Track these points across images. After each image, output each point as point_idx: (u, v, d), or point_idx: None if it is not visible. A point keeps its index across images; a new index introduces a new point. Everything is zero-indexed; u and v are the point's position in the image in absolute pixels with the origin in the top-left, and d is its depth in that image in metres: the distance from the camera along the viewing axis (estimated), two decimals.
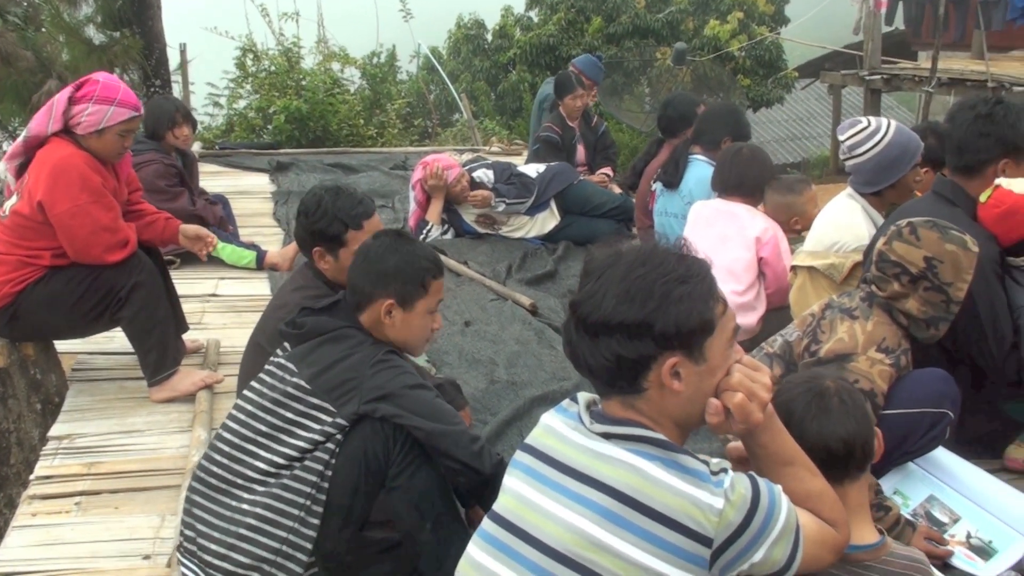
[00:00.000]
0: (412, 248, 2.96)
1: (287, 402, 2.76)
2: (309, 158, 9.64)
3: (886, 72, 16.06)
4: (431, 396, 2.78)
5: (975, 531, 3.18)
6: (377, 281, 2.88)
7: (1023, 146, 3.56)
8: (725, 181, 4.77)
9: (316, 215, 3.37)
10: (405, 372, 2.78)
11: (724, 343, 1.96)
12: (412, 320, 2.91)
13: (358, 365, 2.74)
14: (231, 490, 2.73)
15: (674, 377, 1.90)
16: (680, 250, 1.98)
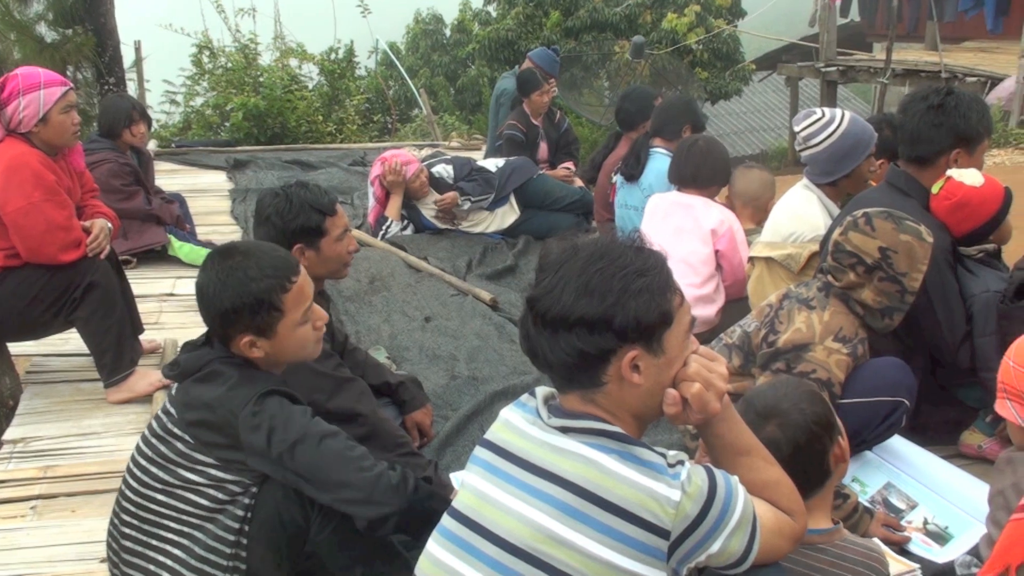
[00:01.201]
0: (244, 271, 2.55)
1: (177, 459, 2.56)
2: (267, 155, 9.57)
3: (842, 64, 16.21)
4: (312, 445, 2.49)
5: (932, 517, 3.21)
6: (224, 322, 2.56)
7: (975, 136, 3.61)
8: (682, 173, 4.79)
9: (291, 212, 3.24)
10: (281, 424, 2.48)
11: (682, 335, 1.97)
12: (283, 341, 2.61)
13: (230, 419, 2.48)
14: (150, 541, 2.59)
15: (634, 370, 1.90)
16: (636, 243, 1.98)
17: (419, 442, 3.59)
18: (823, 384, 3.16)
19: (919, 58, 15.95)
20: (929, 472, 3.39)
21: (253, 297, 2.53)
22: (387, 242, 6.26)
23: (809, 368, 3.19)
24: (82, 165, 4.35)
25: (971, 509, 3.18)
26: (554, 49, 8.58)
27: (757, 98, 23.52)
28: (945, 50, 15.53)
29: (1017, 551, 2.12)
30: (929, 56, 15.78)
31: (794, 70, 17.32)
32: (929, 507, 3.26)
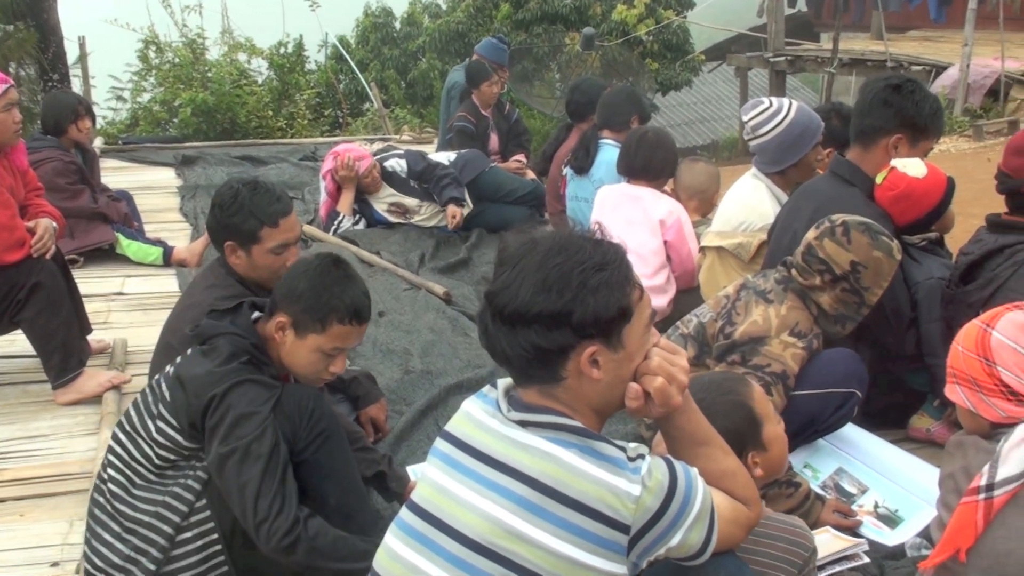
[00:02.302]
0: (336, 282, 2.75)
1: (153, 409, 2.67)
2: (216, 151, 9.46)
3: (790, 54, 16.38)
4: (237, 461, 2.53)
5: (882, 501, 3.26)
6: (286, 295, 2.74)
7: (921, 127, 3.65)
8: (631, 165, 4.80)
9: (231, 209, 3.24)
10: (231, 425, 2.55)
11: (641, 329, 1.95)
12: (300, 349, 2.73)
13: (196, 399, 2.58)
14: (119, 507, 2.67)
15: (593, 365, 1.89)
16: (595, 236, 1.96)
17: (374, 437, 3.58)
18: (778, 377, 3.19)
19: (865, 47, 16.17)
20: (879, 457, 3.44)
21: (321, 301, 2.71)
22: (339, 237, 6.22)
23: (765, 361, 3.21)
24: (25, 164, 4.28)
25: (920, 492, 3.22)
26: (499, 38, 8.56)
27: (707, 88, 23.67)
28: (891, 39, 15.75)
29: (967, 534, 2.15)
30: (875, 45, 16.00)
31: (743, 60, 17.47)
32: (879, 491, 3.30)
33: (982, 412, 2.25)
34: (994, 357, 2.22)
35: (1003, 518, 2.11)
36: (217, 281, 3.34)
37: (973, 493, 2.14)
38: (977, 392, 2.25)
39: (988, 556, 2.12)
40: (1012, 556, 2.09)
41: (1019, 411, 2.19)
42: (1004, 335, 2.23)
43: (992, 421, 2.24)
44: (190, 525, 2.62)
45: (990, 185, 3.39)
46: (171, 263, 5.97)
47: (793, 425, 3.28)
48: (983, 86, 13.82)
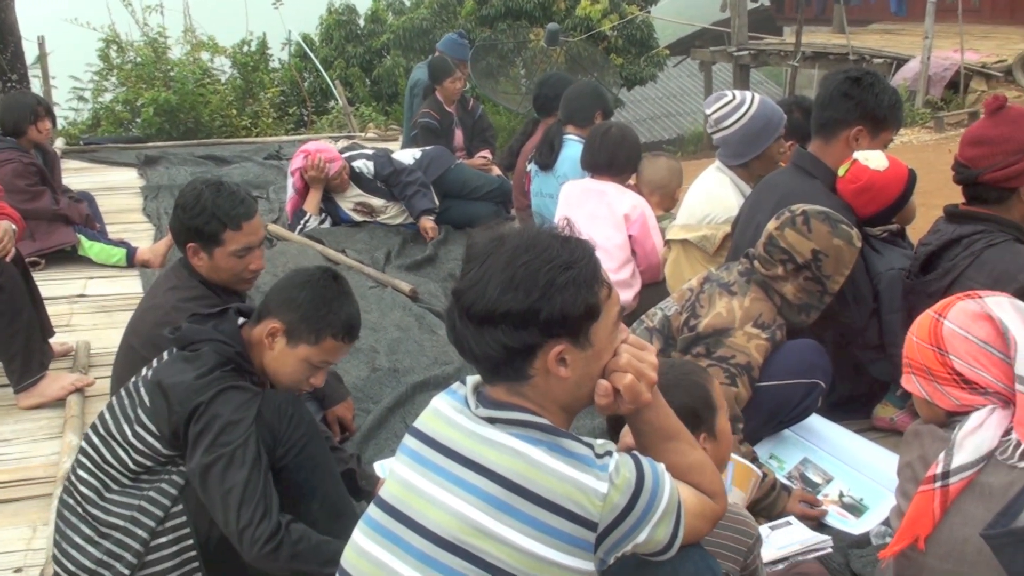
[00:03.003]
0: (335, 297, 2.77)
1: (129, 414, 2.65)
2: (179, 151, 9.39)
3: (753, 48, 16.48)
4: (221, 470, 2.53)
5: (847, 490, 3.29)
6: (283, 303, 2.74)
7: (880, 119, 3.68)
8: (595, 160, 4.82)
9: (194, 210, 3.21)
10: (215, 434, 2.55)
11: (610, 326, 1.94)
12: (289, 357, 2.74)
13: (179, 407, 2.56)
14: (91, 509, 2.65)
15: (560, 364, 1.88)
16: (563, 234, 1.94)
17: (341, 436, 3.57)
18: (742, 368, 3.21)
19: (828, 41, 16.31)
20: (843, 446, 3.47)
21: (320, 314, 2.73)
22: (304, 235, 6.19)
23: (729, 353, 3.23)
24: None
25: (885, 480, 3.26)
26: (460, 34, 8.55)
27: (672, 83, 23.75)
28: (852, 32, 15.89)
29: (924, 522, 2.17)
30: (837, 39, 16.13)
31: (707, 55, 17.56)
32: (844, 480, 3.34)
33: (937, 401, 2.27)
34: (946, 346, 2.24)
35: (959, 505, 2.13)
36: (180, 282, 3.32)
37: (929, 481, 2.16)
38: (931, 381, 2.27)
39: (946, 543, 2.14)
40: (969, 543, 2.11)
41: (973, 399, 2.21)
42: (955, 324, 2.24)
43: (947, 410, 2.26)
44: (165, 530, 2.60)
45: (951, 176, 3.42)
46: (134, 264, 5.92)
47: (758, 416, 3.32)
48: (944, 78, 13.97)
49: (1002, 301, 2.24)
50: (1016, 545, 1.40)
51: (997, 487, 2.03)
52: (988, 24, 16.70)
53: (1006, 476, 2.08)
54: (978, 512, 2.08)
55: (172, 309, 3.18)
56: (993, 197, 3.29)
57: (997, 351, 2.18)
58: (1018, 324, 2.17)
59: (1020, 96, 13.42)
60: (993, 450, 2.12)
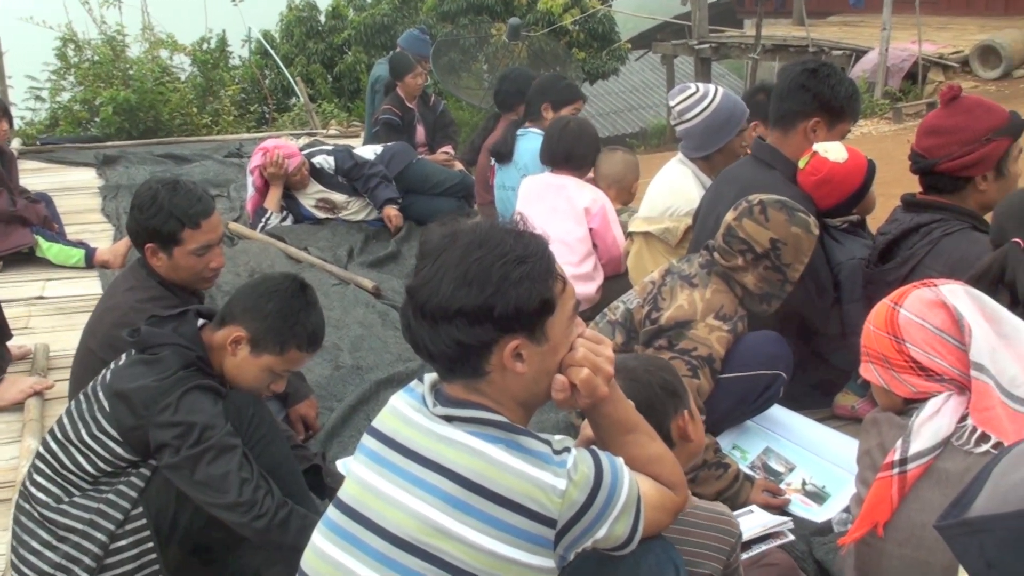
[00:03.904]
0: (302, 308, 2.78)
1: (88, 419, 2.63)
2: (138, 150, 9.29)
3: (714, 41, 16.56)
4: (208, 461, 2.54)
5: (809, 478, 3.32)
6: (248, 311, 2.73)
7: (837, 110, 3.71)
8: (553, 155, 4.82)
9: (151, 211, 3.19)
10: (189, 430, 2.55)
11: (565, 321, 1.94)
12: (251, 365, 2.74)
13: (145, 411, 2.55)
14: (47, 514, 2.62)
15: (516, 359, 1.87)
16: (517, 228, 1.94)
17: (304, 435, 3.55)
18: (704, 360, 3.22)
19: (787, 33, 16.43)
20: (805, 435, 3.50)
21: (287, 325, 2.73)
22: (266, 234, 6.14)
23: (691, 345, 3.24)
24: None
25: (847, 467, 3.27)
26: (421, 29, 8.53)
27: (634, 77, 23.79)
28: (811, 25, 16.02)
29: (883, 508, 2.19)
30: (797, 31, 16.25)
31: (668, 48, 17.62)
32: (806, 469, 3.36)
33: (894, 389, 2.29)
34: (902, 334, 2.26)
35: (917, 491, 2.15)
36: (138, 283, 3.29)
37: (887, 468, 2.18)
38: (888, 369, 2.29)
39: (904, 529, 2.16)
40: (927, 528, 2.13)
41: (929, 386, 2.23)
42: (911, 312, 2.26)
43: (904, 397, 2.28)
44: (125, 532, 2.58)
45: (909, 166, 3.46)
46: (94, 265, 5.86)
47: (721, 408, 3.34)
48: (902, 69, 14.12)
49: (957, 289, 2.26)
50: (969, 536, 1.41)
51: (954, 473, 2.05)
52: (945, 15, 16.88)
53: (962, 461, 2.11)
54: (935, 498, 2.10)
55: (130, 310, 3.16)
56: (949, 186, 3.32)
57: (952, 338, 2.21)
58: (972, 311, 2.20)
59: (977, 86, 13.60)
60: (949, 436, 2.15)
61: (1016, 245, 2.64)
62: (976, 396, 2.14)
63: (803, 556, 2.91)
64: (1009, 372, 2.12)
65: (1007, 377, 2.12)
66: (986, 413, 2.12)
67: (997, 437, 2.09)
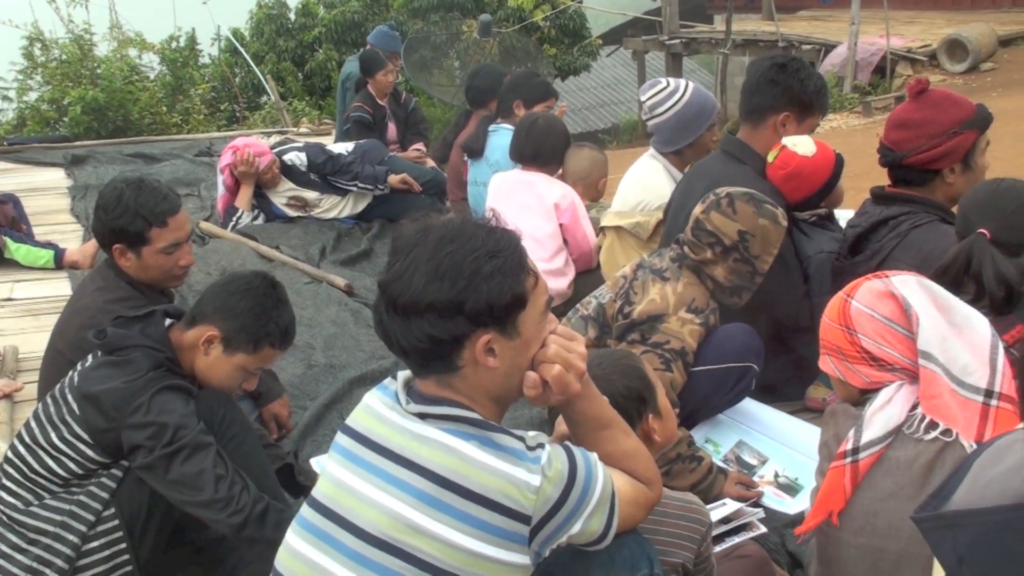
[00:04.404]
0: (274, 306, 2.79)
1: (57, 422, 2.61)
2: (107, 149, 9.22)
3: (684, 36, 16.61)
4: (183, 459, 2.53)
5: (782, 470, 3.34)
6: (220, 310, 2.73)
7: (807, 104, 3.73)
8: (522, 151, 4.82)
9: (116, 211, 3.17)
10: (162, 429, 2.54)
11: (537, 316, 1.94)
12: (224, 365, 2.74)
13: (117, 413, 2.54)
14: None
15: (488, 354, 1.87)
16: (488, 223, 1.94)
17: (278, 434, 3.54)
18: (677, 354, 3.23)
19: (757, 28, 16.51)
20: (777, 428, 3.52)
21: (261, 323, 2.75)
22: (237, 232, 6.11)
23: (663, 339, 3.25)
24: None
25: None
26: (391, 26, 8.51)
27: (606, 72, 23.84)
28: (781, 20, 16.09)
29: (837, 497, 2.22)
30: (767, 26, 16.33)
31: (639, 44, 17.67)
32: (779, 461, 3.38)
33: (849, 380, 2.32)
34: (854, 325, 2.29)
35: (870, 480, 2.18)
36: (106, 284, 3.26)
37: (840, 457, 2.21)
38: (843, 361, 2.32)
39: (858, 517, 2.19)
40: (879, 516, 2.16)
41: (882, 376, 2.26)
42: (862, 303, 2.29)
43: (859, 388, 2.31)
44: (97, 535, 2.57)
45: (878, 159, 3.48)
46: (63, 266, 5.81)
47: (693, 401, 3.35)
48: (871, 63, 14.22)
49: (908, 280, 2.29)
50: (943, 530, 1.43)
51: (904, 461, 2.08)
52: (913, 10, 17.01)
53: (913, 449, 2.14)
54: (887, 486, 2.13)
55: (98, 311, 3.13)
56: (918, 179, 3.35)
57: (901, 328, 2.23)
58: (923, 301, 2.22)
59: (944, 80, 13.71)
60: (901, 425, 2.17)
61: (982, 236, 2.67)
62: (924, 384, 2.17)
63: (776, 548, 2.93)
64: (960, 361, 2.14)
65: (958, 366, 2.14)
66: (934, 401, 2.15)
67: (946, 424, 2.12)
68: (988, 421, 2.10)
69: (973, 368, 2.13)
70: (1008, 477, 1.42)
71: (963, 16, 16.32)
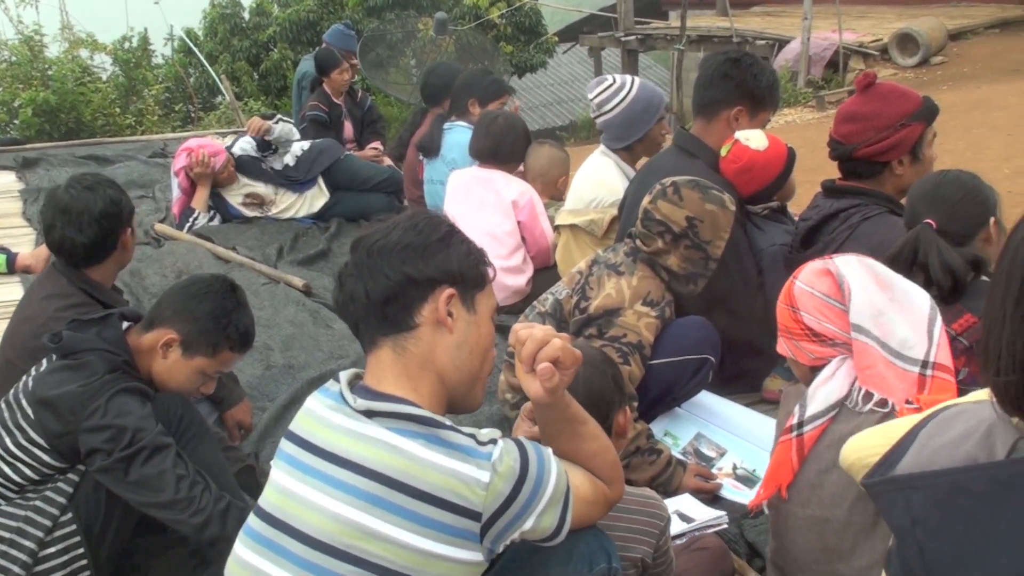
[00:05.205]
0: (234, 309, 2.81)
1: (11, 427, 2.60)
2: (59, 152, 9.07)
3: (640, 32, 16.69)
4: (142, 460, 2.52)
5: (740, 462, 3.37)
6: (180, 313, 2.74)
7: (759, 99, 3.77)
8: (481, 149, 4.83)
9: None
10: (120, 432, 2.52)
11: (490, 308, 2.01)
12: (183, 368, 2.76)
13: (73, 417, 2.53)
14: None
15: (448, 315, 1.92)
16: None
17: (240, 438, 3.51)
18: (634, 347, 3.25)
19: (712, 24, 16.60)
20: (735, 420, 3.55)
21: (220, 326, 2.76)
22: (193, 234, 6.06)
23: (620, 332, 3.27)
24: None
25: None
26: (346, 24, 8.48)
27: (563, 70, 23.87)
28: (735, 15, 16.21)
29: (785, 471, 2.28)
30: (721, 22, 16.43)
31: (595, 40, 17.73)
32: (737, 453, 3.42)
33: (798, 357, 2.39)
34: (796, 303, 2.36)
35: (815, 453, 2.25)
36: (56, 290, 3.22)
37: (787, 432, 2.29)
38: (792, 339, 2.39)
39: (805, 489, 2.26)
40: (824, 487, 2.24)
41: (824, 351, 2.32)
42: (803, 282, 2.36)
43: (808, 365, 2.37)
44: (54, 540, 2.55)
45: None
46: (15, 270, 5.72)
47: (652, 394, 3.38)
48: (823, 58, 14.35)
49: (850, 259, 2.35)
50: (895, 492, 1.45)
51: (846, 434, 2.12)
52: (864, 5, 17.17)
53: (853, 422, 2.20)
54: (830, 457, 2.18)
55: (49, 319, 3.08)
56: (867, 171, 3.39)
57: (836, 302, 2.30)
58: (861, 276, 2.28)
59: (896, 74, 13.88)
60: (843, 399, 2.24)
61: (928, 226, 2.72)
62: (857, 356, 2.24)
63: (734, 538, 2.96)
64: (899, 334, 2.21)
65: (896, 339, 2.21)
66: (868, 371, 2.22)
67: (881, 394, 2.19)
68: (924, 391, 2.17)
69: (912, 342, 2.21)
70: (955, 445, 1.45)
71: (913, 11, 16.51)
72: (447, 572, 1.83)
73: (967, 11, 16.54)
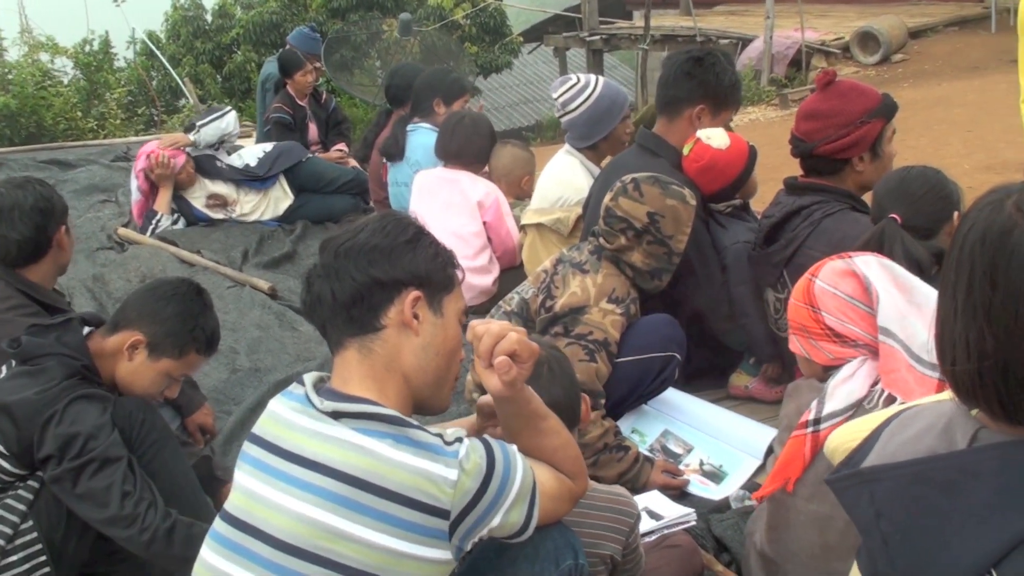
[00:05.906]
0: (200, 312, 2.81)
1: None
2: (20, 156, 8.98)
3: (604, 32, 16.75)
4: (92, 472, 2.49)
5: (707, 458, 3.39)
6: (146, 315, 2.73)
7: (722, 98, 3.80)
8: (447, 149, 4.83)
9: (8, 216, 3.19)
10: (73, 440, 2.49)
11: (458, 311, 2.01)
12: (148, 371, 2.74)
13: (28, 423, 2.50)
14: None
15: (414, 316, 1.93)
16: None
17: (204, 442, 3.49)
18: (600, 345, 3.26)
19: (676, 23, 16.70)
20: (701, 416, 3.57)
21: (187, 328, 2.76)
22: (156, 238, 6.01)
23: (586, 330, 3.28)
24: None
25: (742, 446, 3.38)
26: (311, 27, 8.45)
27: (528, 70, 23.88)
28: (698, 15, 16.30)
29: (795, 465, 2.28)
30: (684, 21, 16.52)
31: (560, 41, 17.77)
32: (704, 449, 3.44)
33: (814, 357, 2.40)
34: (817, 303, 2.37)
35: None
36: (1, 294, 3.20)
37: (802, 427, 2.28)
38: (808, 338, 2.40)
39: (812, 485, 2.26)
40: None
41: (845, 351, 2.34)
42: (824, 282, 2.38)
43: (823, 364, 2.39)
44: (15, 548, 2.51)
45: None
46: None
47: (618, 392, 3.39)
48: (786, 56, 14.47)
49: (870, 260, 2.37)
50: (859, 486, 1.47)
51: None
52: (825, 3, 17.32)
53: None
54: None
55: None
56: (828, 168, 3.41)
57: (863, 304, 2.32)
58: (883, 279, 2.30)
59: (858, 71, 14.02)
60: (862, 399, 2.25)
61: (892, 220, 2.75)
62: (883, 359, 2.25)
63: (702, 534, 2.97)
64: (920, 338, 2.22)
65: (918, 342, 2.22)
66: (892, 375, 2.23)
67: (903, 399, 2.17)
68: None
69: (932, 346, 2.21)
70: (917, 439, 1.47)
71: (874, 9, 16.67)
72: (416, 572, 1.82)
73: (927, 9, 16.73)
